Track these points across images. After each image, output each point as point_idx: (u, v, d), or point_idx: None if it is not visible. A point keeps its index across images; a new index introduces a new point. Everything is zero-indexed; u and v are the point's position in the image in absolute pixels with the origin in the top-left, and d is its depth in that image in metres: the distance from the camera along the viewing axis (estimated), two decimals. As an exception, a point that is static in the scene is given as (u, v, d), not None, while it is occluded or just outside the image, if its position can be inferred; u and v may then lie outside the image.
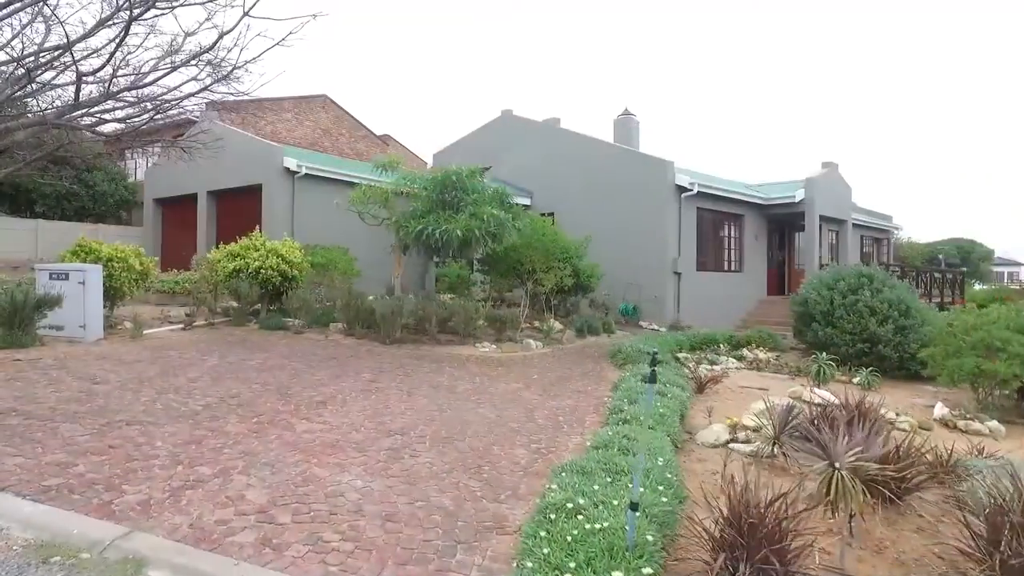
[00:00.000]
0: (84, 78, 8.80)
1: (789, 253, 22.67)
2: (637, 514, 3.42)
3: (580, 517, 3.69)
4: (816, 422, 6.42)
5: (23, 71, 8.06)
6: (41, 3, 8.73)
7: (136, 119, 9.94)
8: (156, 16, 8.94)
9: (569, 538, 3.43)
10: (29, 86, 9.82)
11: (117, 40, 8.55)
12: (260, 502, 4.17)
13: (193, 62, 9.51)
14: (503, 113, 23.36)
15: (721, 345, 13.85)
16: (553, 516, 3.73)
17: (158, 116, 9.96)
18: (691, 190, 17.29)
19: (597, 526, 3.56)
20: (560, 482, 4.44)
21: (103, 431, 5.37)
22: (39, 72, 8.36)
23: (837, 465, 3.72)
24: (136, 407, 6.16)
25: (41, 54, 9.23)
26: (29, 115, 9.31)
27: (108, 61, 8.37)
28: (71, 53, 8.80)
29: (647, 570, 3.15)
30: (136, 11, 8.20)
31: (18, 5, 8.42)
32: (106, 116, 10.27)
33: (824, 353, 10.74)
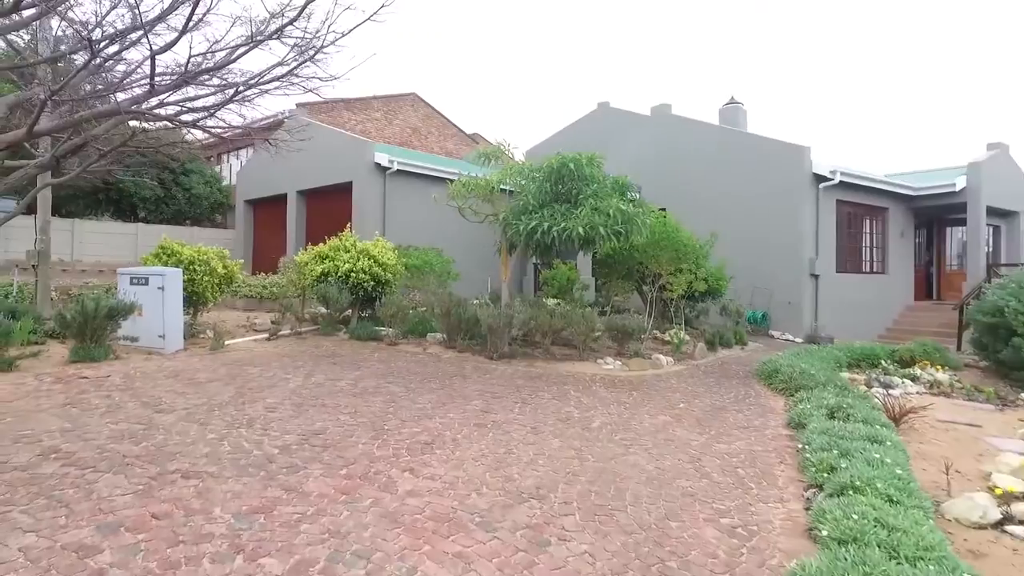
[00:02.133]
0: (158, 57, 7.73)
1: (939, 252, 19.60)
2: None
3: None
4: None
5: (89, 51, 7.00)
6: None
7: (218, 107, 8.83)
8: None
9: None
10: (104, 75, 8.97)
11: (191, 11, 7.38)
12: (351, 640, 2.64)
13: (276, 36, 8.33)
14: (600, 106, 21.60)
15: (883, 361, 11.50)
16: None
17: (238, 98, 8.84)
18: (832, 179, 14.88)
19: None
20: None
21: (150, 488, 4.05)
22: (105, 46, 7.35)
23: None
24: (198, 448, 4.84)
25: (118, 37, 8.27)
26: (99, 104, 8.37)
27: (183, 32, 7.26)
28: (147, 37, 7.77)
29: None
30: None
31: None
32: (187, 104, 9.28)
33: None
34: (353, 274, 11.03)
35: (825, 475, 4.66)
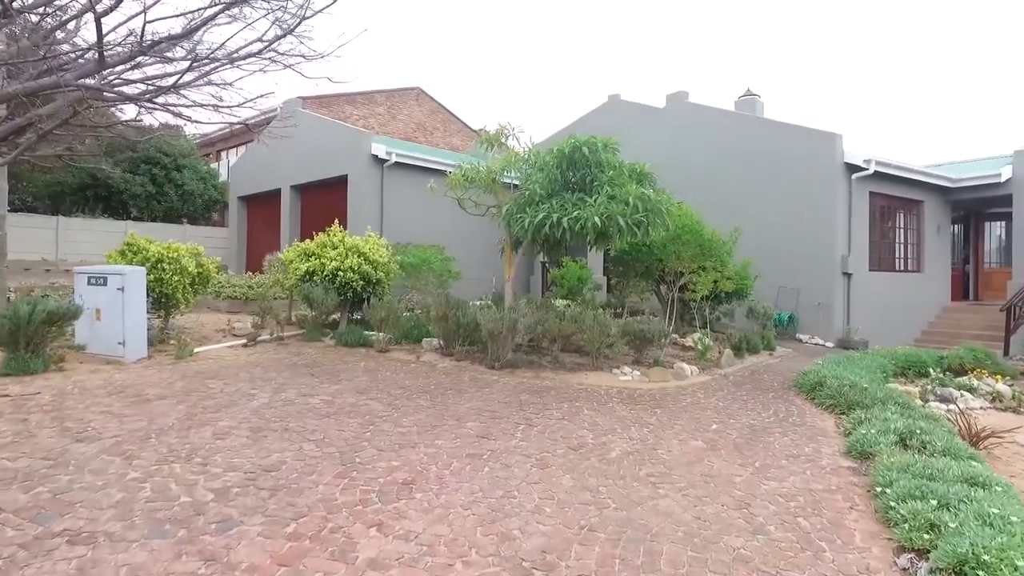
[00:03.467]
0: (119, 32, 6.77)
1: (976, 248, 18.31)
2: None
3: None
4: None
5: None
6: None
7: (180, 86, 7.77)
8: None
9: None
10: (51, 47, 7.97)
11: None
12: None
13: (243, 1, 7.27)
14: (610, 98, 20.40)
15: (931, 370, 10.31)
16: None
17: (210, 74, 7.80)
18: (866, 169, 13.66)
19: None
20: None
21: (11, 565, 2.97)
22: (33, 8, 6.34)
23: None
24: (109, 495, 3.78)
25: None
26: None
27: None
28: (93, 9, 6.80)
29: None
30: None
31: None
32: (154, 83, 8.25)
33: None
34: (341, 273, 9.96)
35: (925, 536, 3.53)
